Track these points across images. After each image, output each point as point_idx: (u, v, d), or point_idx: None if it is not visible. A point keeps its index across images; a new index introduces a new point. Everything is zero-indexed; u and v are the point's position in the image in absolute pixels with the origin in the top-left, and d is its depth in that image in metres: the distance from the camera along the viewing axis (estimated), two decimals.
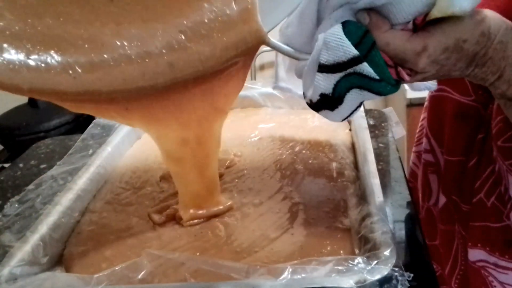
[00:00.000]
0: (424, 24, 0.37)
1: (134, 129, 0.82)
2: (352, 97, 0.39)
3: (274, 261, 0.48)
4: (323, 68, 0.38)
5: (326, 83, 0.38)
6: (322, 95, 0.39)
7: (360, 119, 0.70)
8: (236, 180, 0.64)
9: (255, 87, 0.87)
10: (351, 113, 0.42)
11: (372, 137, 0.65)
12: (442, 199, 0.62)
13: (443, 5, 0.35)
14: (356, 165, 0.65)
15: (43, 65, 0.37)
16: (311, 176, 0.63)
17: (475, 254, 0.57)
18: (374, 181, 0.54)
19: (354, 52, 0.36)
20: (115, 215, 0.60)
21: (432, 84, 0.46)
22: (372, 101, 1.91)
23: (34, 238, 0.51)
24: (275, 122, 0.81)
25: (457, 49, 0.36)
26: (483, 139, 0.53)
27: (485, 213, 0.54)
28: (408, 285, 0.41)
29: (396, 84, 0.37)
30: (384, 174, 0.67)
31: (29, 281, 0.45)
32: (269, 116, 0.84)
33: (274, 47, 0.42)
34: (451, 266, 0.63)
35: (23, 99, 1.60)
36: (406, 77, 0.38)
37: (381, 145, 0.75)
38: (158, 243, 0.53)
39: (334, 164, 0.65)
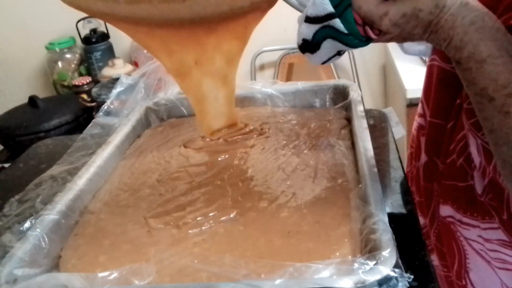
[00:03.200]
0: None
1: (134, 129, 0.82)
2: (327, 45, 0.48)
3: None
4: (307, 19, 0.47)
5: (307, 31, 0.48)
6: (304, 40, 0.49)
7: (360, 119, 0.70)
8: (240, 184, 0.64)
9: (255, 87, 0.87)
10: (329, 59, 0.51)
11: (372, 137, 0.65)
12: (424, 158, 0.67)
13: None
14: (356, 165, 0.65)
15: None
16: (312, 177, 0.63)
17: (445, 210, 0.63)
18: (374, 181, 0.54)
19: (330, 9, 0.45)
20: (112, 217, 0.60)
21: (425, 51, 0.56)
22: (372, 101, 1.91)
23: (34, 239, 0.51)
24: (277, 121, 0.81)
25: (413, 16, 0.44)
26: (460, 105, 0.58)
27: (455, 173, 0.61)
28: (408, 285, 0.41)
29: (365, 40, 0.47)
30: (384, 174, 0.67)
31: (29, 283, 0.45)
32: (271, 115, 0.84)
33: (287, 1, 0.53)
34: (430, 221, 0.69)
35: (23, 99, 1.60)
36: (372, 35, 0.46)
37: (381, 145, 0.75)
38: (154, 250, 0.52)
39: (334, 165, 0.65)
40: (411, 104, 1.35)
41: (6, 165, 1.10)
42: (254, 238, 0.52)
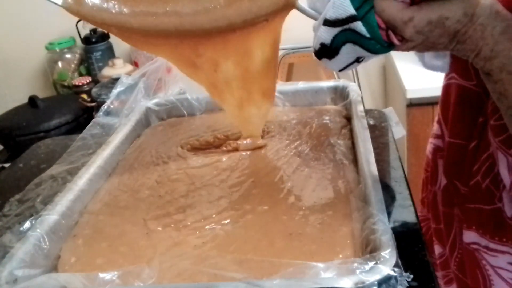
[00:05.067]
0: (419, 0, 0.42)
1: (134, 129, 0.82)
2: (347, 50, 0.46)
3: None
4: (327, 22, 0.45)
5: (326, 34, 0.46)
6: (322, 45, 0.47)
7: (360, 119, 0.70)
8: (240, 185, 0.63)
9: None
10: (347, 66, 0.49)
11: (372, 137, 0.65)
12: (443, 181, 0.64)
13: None
14: (356, 165, 0.65)
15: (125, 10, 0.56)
16: (313, 178, 0.63)
17: (469, 236, 0.60)
18: (374, 182, 0.54)
19: (351, 11, 0.43)
20: (111, 218, 0.59)
21: (442, 67, 0.53)
22: (372, 101, 1.91)
23: (34, 239, 0.51)
24: (280, 119, 0.81)
25: (439, 25, 0.41)
26: (483, 123, 0.56)
27: (479, 195, 0.57)
28: (407, 285, 0.41)
29: (387, 46, 0.44)
30: (384, 174, 0.67)
31: (29, 283, 0.45)
32: (272, 114, 0.83)
33: (300, 10, 0.52)
34: (450, 249, 0.65)
35: (23, 99, 1.60)
36: (395, 41, 0.44)
37: (381, 145, 0.75)
38: (152, 252, 0.51)
39: (335, 165, 0.65)
40: (411, 104, 1.35)
41: (6, 165, 1.10)
42: (255, 241, 0.52)
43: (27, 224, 0.55)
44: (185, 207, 0.60)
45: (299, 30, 0.50)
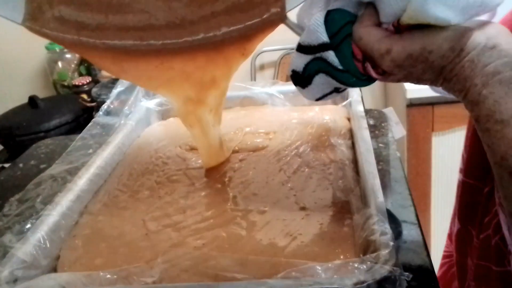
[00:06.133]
0: (405, 27, 0.37)
1: (134, 129, 0.82)
2: (320, 80, 0.41)
3: None
4: (299, 48, 0.41)
5: (299, 61, 0.41)
6: (294, 72, 0.42)
7: (360, 119, 0.70)
8: (241, 186, 0.63)
9: (255, 87, 0.87)
10: (324, 96, 0.44)
11: (372, 137, 0.65)
12: (457, 225, 0.58)
13: (411, 12, 0.35)
14: (356, 165, 0.65)
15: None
16: (313, 178, 0.63)
17: None
18: (374, 182, 0.54)
19: (324, 38, 0.38)
20: (111, 219, 0.59)
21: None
22: (372, 101, 1.91)
23: (34, 239, 0.51)
24: (280, 120, 0.81)
25: (422, 59, 0.35)
26: None
27: (489, 252, 0.50)
28: (407, 284, 0.41)
29: (365, 79, 0.39)
30: (384, 174, 0.67)
31: (29, 283, 0.45)
32: (272, 113, 0.83)
33: (289, 26, 0.47)
34: None
35: (23, 99, 1.60)
36: (373, 74, 0.38)
37: (381, 145, 0.75)
38: (151, 253, 0.51)
39: (335, 165, 0.65)
40: (411, 104, 1.36)
41: (6, 165, 1.11)
42: (256, 242, 0.52)
43: (27, 224, 0.55)
44: (185, 208, 0.59)
45: None
